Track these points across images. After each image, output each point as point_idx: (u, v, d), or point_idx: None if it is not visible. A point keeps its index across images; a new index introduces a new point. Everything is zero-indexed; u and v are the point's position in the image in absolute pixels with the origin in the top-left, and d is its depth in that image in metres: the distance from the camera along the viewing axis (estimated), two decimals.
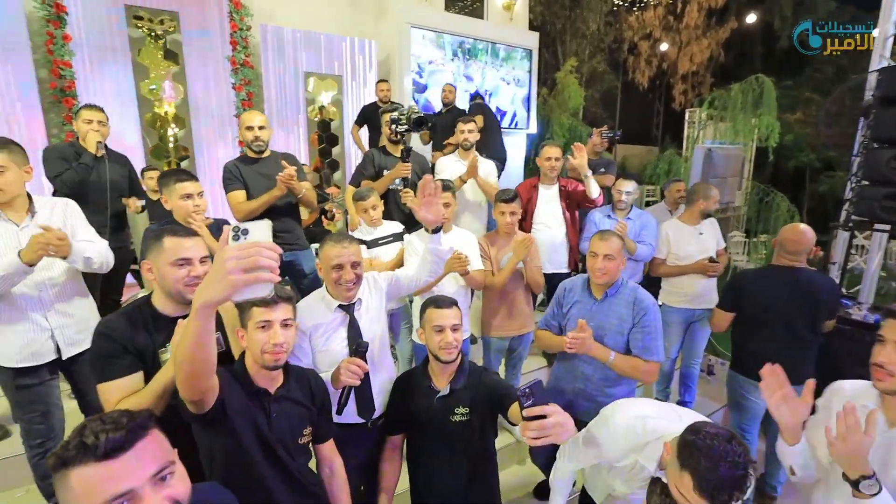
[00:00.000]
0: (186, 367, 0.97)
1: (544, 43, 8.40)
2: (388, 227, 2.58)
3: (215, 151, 5.01)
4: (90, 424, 0.72)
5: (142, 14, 4.55)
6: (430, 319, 1.64)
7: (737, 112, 7.20)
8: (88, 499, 0.68)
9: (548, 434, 1.02)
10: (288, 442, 1.33)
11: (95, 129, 2.53)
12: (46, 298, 1.74)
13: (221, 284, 0.79)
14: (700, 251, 2.96)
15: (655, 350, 1.92)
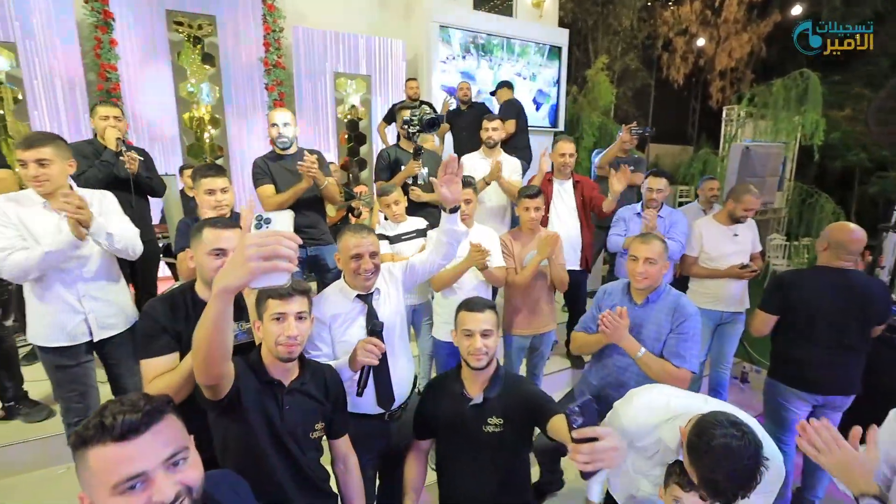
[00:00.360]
0: (203, 350, 0.99)
1: (574, 40, 8.25)
2: (412, 222, 2.59)
3: (248, 150, 5.17)
4: (110, 406, 0.74)
5: (181, 19, 4.75)
6: (461, 322, 1.55)
7: (779, 109, 6.88)
8: (104, 478, 0.71)
9: (600, 459, 0.94)
10: (299, 435, 1.33)
11: (113, 126, 2.50)
12: (80, 283, 1.84)
13: (241, 270, 0.80)
14: (734, 252, 2.85)
15: (689, 359, 1.82)
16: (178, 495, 0.74)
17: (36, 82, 4.12)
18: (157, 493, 0.72)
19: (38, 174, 1.70)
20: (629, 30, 11.68)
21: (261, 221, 0.86)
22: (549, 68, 6.78)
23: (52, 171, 1.73)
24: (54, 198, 1.76)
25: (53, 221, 1.76)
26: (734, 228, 2.88)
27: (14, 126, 4.16)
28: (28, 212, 1.75)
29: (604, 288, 2.12)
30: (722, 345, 2.99)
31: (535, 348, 2.65)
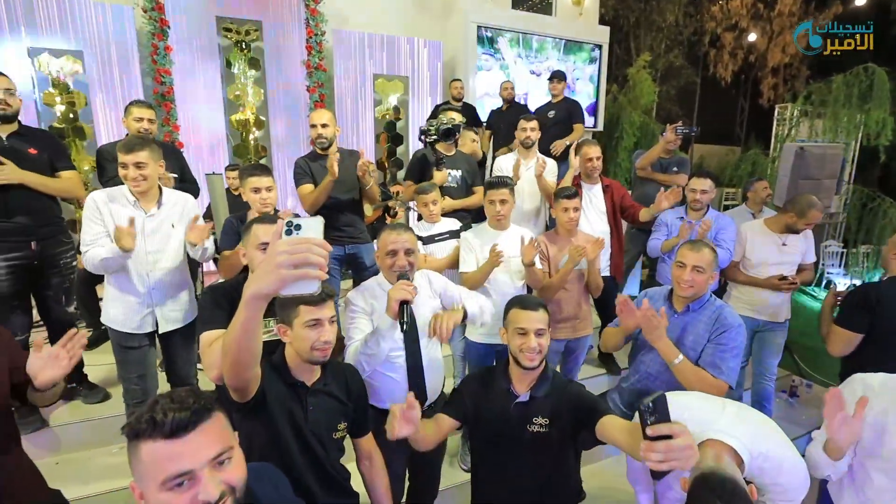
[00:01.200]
0: (233, 354, 1.00)
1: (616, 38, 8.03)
2: (445, 223, 2.61)
3: (290, 150, 5.35)
4: (161, 401, 0.78)
5: (230, 25, 4.97)
6: (513, 320, 1.52)
7: (838, 107, 6.44)
8: (153, 472, 0.75)
9: (675, 458, 0.90)
10: (323, 435, 1.36)
11: (146, 129, 2.50)
12: (151, 279, 2.00)
13: (270, 277, 0.79)
14: (778, 263, 2.71)
15: (726, 371, 1.75)
16: (223, 494, 0.77)
17: (100, 87, 4.41)
18: (202, 492, 0.75)
19: (136, 175, 1.87)
20: (674, 26, 11.25)
21: (291, 228, 0.83)
22: (589, 67, 6.65)
23: (148, 172, 1.89)
24: (144, 197, 1.94)
25: (140, 219, 1.92)
26: (784, 237, 2.73)
27: (80, 128, 4.47)
28: (120, 210, 1.91)
29: (645, 292, 2.06)
30: (762, 354, 2.86)
31: (570, 352, 2.61)
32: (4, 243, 2.07)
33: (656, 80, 9.35)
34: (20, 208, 2.10)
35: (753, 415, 1.40)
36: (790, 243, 2.73)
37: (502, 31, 5.91)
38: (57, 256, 2.28)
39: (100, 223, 1.89)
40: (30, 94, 4.17)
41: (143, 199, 1.95)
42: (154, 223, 1.95)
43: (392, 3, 5.75)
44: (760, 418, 1.39)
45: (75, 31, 4.26)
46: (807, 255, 2.80)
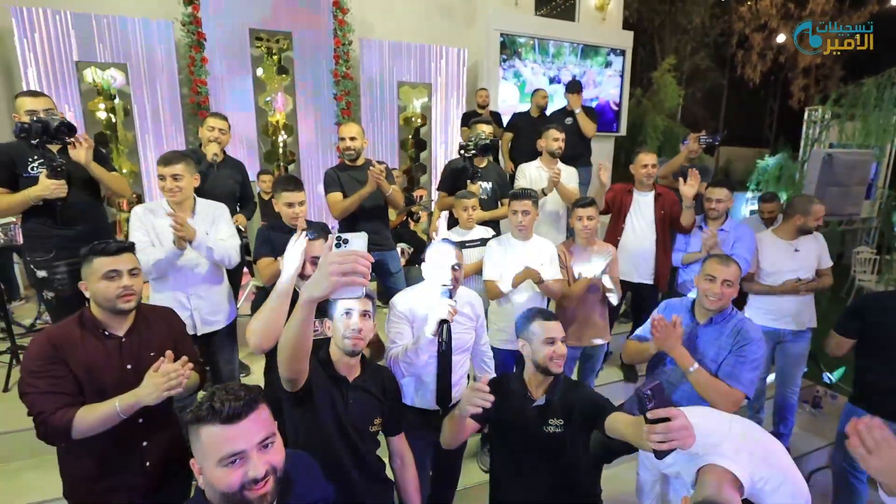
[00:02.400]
0: (289, 349, 1.16)
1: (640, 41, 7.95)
2: (479, 231, 2.70)
3: (318, 156, 5.53)
4: (218, 392, 0.93)
5: (262, 35, 5.17)
6: (539, 332, 1.62)
7: (869, 110, 6.27)
8: (211, 452, 0.90)
9: (673, 438, 1.02)
10: (361, 427, 1.49)
11: (216, 138, 2.72)
12: (190, 283, 2.15)
13: (324, 283, 0.94)
14: (793, 269, 2.72)
15: (744, 381, 1.79)
16: (267, 473, 0.92)
17: (142, 97, 4.67)
18: (251, 469, 0.90)
19: (173, 187, 2.03)
20: (700, 27, 11.06)
21: (340, 241, 0.97)
22: (612, 71, 6.65)
23: (183, 184, 2.05)
24: (180, 207, 2.08)
25: None
26: (796, 243, 2.75)
27: (123, 135, 4.74)
28: (159, 221, 2.07)
29: (666, 302, 2.11)
30: (786, 365, 2.86)
31: (586, 359, 2.67)
32: (66, 250, 2.24)
33: (681, 82, 9.22)
34: (78, 218, 2.28)
35: (759, 436, 1.43)
36: (803, 248, 2.74)
37: (520, 38, 5.96)
38: None
39: (143, 232, 2.06)
40: (77, 104, 4.45)
41: (179, 209, 2.10)
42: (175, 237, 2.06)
43: (417, 12, 5.88)
44: (766, 440, 1.42)
45: (120, 45, 4.52)
46: (822, 260, 2.78)
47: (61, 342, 1.35)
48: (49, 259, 2.23)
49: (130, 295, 1.41)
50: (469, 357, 2.00)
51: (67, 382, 1.32)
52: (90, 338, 1.40)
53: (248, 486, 0.90)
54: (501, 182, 3.10)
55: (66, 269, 2.27)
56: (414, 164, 6.04)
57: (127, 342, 1.44)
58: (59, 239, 2.23)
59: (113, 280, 1.39)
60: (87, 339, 1.39)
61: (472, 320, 1.94)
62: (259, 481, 0.91)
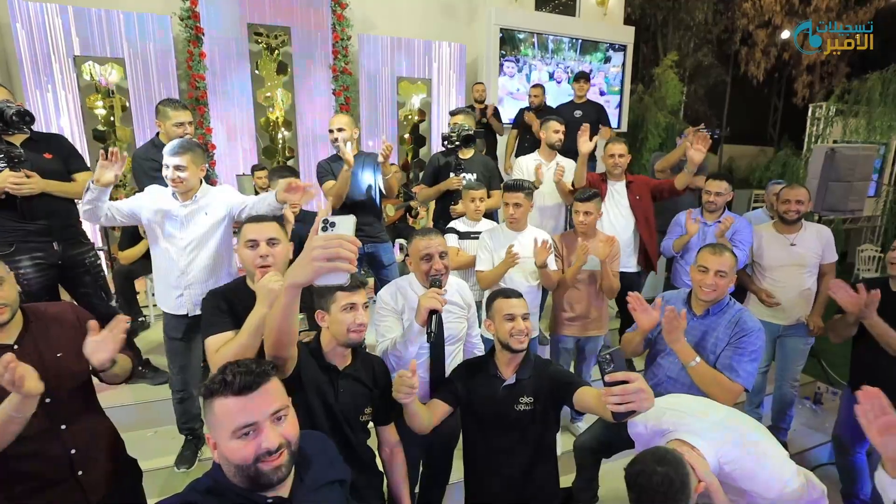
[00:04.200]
0: (274, 334, 1.15)
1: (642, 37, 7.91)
2: (484, 223, 2.68)
3: (317, 151, 5.52)
4: (230, 366, 0.92)
5: (261, 31, 5.16)
6: (499, 309, 1.65)
7: (874, 105, 6.20)
8: (225, 423, 0.89)
9: (630, 400, 1.04)
10: (351, 416, 1.47)
11: (186, 133, 2.48)
12: (187, 263, 2.07)
13: (306, 269, 0.91)
14: (788, 264, 2.68)
15: (743, 373, 1.78)
16: (281, 445, 0.91)
17: (139, 92, 4.67)
18: (265, 441, 0.89)
19: (175, 177, 1.99)
20: (703, 24, 10.97)
21: (326, 224, 0.94)
22: (613, 67, 6.60)
23: (187, 175, 2.01)
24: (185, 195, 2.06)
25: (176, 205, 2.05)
26: (793, 237, 2.69)
27: (121, 131, 4.74)
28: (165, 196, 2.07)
29: (662, 295, 2.08)
30: (785, 359, 2.82)
31: (581, 351, 2.65)
32: (29, 244, 2.19)
33: (684, 79, 9.15)
34: (42, 211, 2.21)
35: (737, 424, 1.44)
36: (799, 243, 2.68)
37: (521, 33, 5.93)
38: (79, 256, 2.40)
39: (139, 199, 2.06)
40: (74, 99, 4.45)
41: (182, 196, 2.08)
42: (187, 210, 2.05)
43: (416, 8, 5.85)
44: (746, 428, 1.43)
45: (118, 40, 4.52)
46: (825, 255, 2.70)
47: None
48: (9, 254, 2.16)
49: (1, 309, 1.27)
50: (462, 347, 1.97)
51: None
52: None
53: (263, 457, 0.88)
54: (488, 173, 3.06)
55: (30, 264, 2.21)
56: (413, 160, 6.02)
57: (21, 349, 1.29)
58: (21, 233, 2.17)
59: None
60: None
61: (463, 309, 1.92)
62: (273, 453, 0.89)
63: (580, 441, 2.16)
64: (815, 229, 2.73)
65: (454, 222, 2.68)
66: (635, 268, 2.99)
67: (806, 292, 2.71)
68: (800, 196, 2.64)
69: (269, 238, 1.54)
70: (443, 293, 1.56)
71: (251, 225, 1.55)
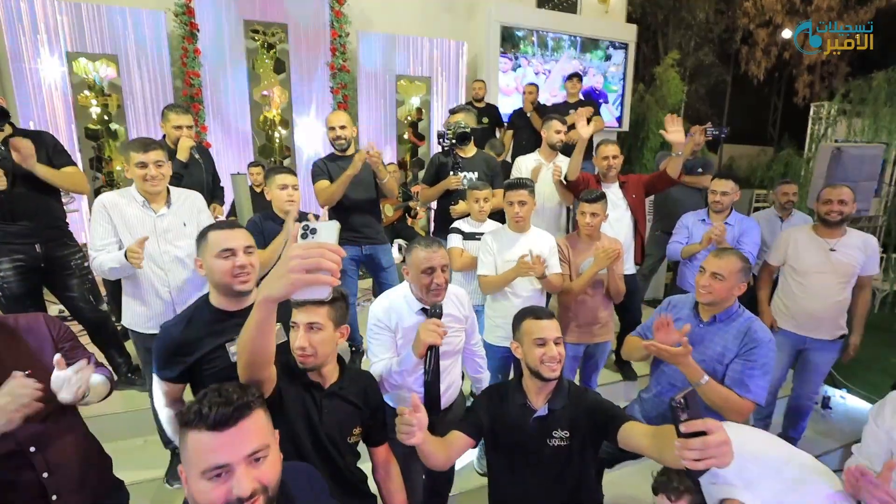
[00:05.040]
0: (247, 354, 1.02)
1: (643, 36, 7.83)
2: (490, 224, 2.58)
3: (314, 150, 5.43)
4: (210, 394, 0.83)
5: (257, 27, 5.07)
6: (529, 332, 1.48)
7: (879, 105, 6.13)
8: (195, 461, 0.80)
9: (711, 455, 0.88)
10: (336, 438, 1.34)
11: (186, 136, 2.51)
12: (171, 279, 1.99)
13: (283, 281, 0.79)
14: (824, 271, 2.48)
15: (754, 388, 1.68)
16: (254, 492, 0.80)
17: (133, 89, 4.57)
18: (236, 486, 0.79)
19: (156, 174, 1.89)
20: (704, 23, 10.91)
21: (307, 231, 0.84)
22: (615, 66, 6.53)
23: (165, 172, 1.93)
24: (154, 198, 1.95)
25: (151, 220, 1.95)
26: (833, 242, 2.48)
27: (113, 128, 4.64)
28: (129, 210, 1.93)
29: (670, 299, 2.01)
30: (806, 372, 2.66)
31: (589, 357, 2.57)
32: (9, 245, 2.11)
33: (685, 78, 9.08)
34: (24, 212, 2.12)
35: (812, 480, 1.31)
36: (840, 249, 2.46)
37: (521, 30, 5.85)
38: (64, 258, 2.30)
39: (108, 224, 1.90)
40: (66, 97, 4.36)
41: (152, 199, 1.96)
42: (165, 223, 1.95)
43: (415, 4, 5.77)
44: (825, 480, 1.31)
45: (111, 36, 4.42)
46: (867, 266, 2.45)
47: None
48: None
49: None
50: (460, 359, 1.87)
51: None
52: None
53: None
54: (490, 172, 2.97)
55: (10, 267, 2.13)
56: (412, 159, 5.93)
57: None
58: (0, 234, 2.09)
59: None
60: None
61: (461, 321, 1.79)
62: (244, 501, 0.78)
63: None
64: (861, 238, 2.48)
65: (459, 222, 2.58)
66: (633, 269, 2.90)
67: (839, 304, 2.50)
68: (843, 196, 2.40)
69: (246, 246, 1.41)
70: (442, 325, 1.42)
71: (221, 232, 1.40)
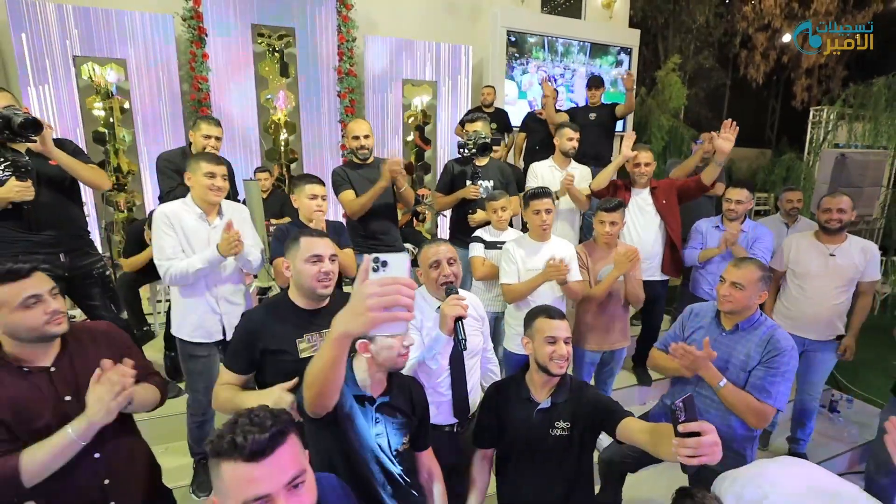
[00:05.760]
0: (318, 386, 1.03)
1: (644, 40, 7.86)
2: (511, 233, 2.61)
3: (321, 155, 5.43)
4: (240, 420, 0.82)
5: (264, 31, 5.07)
6: (541, 329, 1.58)
7: (880, 110, 6.22)
8: (233, 493, 0.79)
9: (704, 453, 1.01)
10: (391, 448, 1.38)
11: (213, 146, 2.54)
12: (219, 288, 2.06)
13: (361, 319, 0.79)
14: (824, 274, 2.59)
15: (776, 395, 1.72)
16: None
17: (140, 93, 4.57)
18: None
19: (221, 185, 1.98)
20: (704, 27, 10.99)
21: (378, 264, 0.83)
22: (614, 70, 6.58)
23: (226, 186, 2.02)
24: (212, 211, 2.02)
25: (205, 231, 2.01)
26: (833, 248, 2.59)
27: (120, 133, 4.63)
28: (188, 221, 1.99)
29: (691, 308, 2.03)
30: (809, 373, 2.74)
31: (605, 363, 2.60)
32: (34, 255, 2.10)
33: (685, 82, 9.15)
34: (49, 222, 2.14)
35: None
36: (840, 255, 2.56)
37: (528, 35, 5.88)
38: (88, 267, 2.30)
39: (173, 233, 1.96)
40: (73, 101, 4.34)
41: (209, 210, 2.03)
42: (216, 233, 2.01)
43: (422, 9, 5.79)
44: None
45: (119, 40, 4.42)
46: (867, 272, 2.54)
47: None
48: None
49: (60, 317, 1.23)
50: (479, 361, 1.90)
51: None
52: (8, 377, 1.20)
53: None
54: (505, 179, 2.99)
55: None
56: (418, 162, 5.95)
57: (57, 372, 1.25)
58: (25, 244, 2.08)
59: (32, 308, 1.19)
60: (5, 378, 1.19)
61: (479, 322, 1.86)
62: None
63: (606, 455, 2.11)
64: (861, 245, 2.58)
65: (480, 231, 2.61)
66: (660, 276, 2.93)
67: (837, 308, 2.59)
68: (842, 204, 2.51)
69: (332, 254, 1.54)
70: (464, 298, 1.51)
71: (312, 239, 1.54)
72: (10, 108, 1.96)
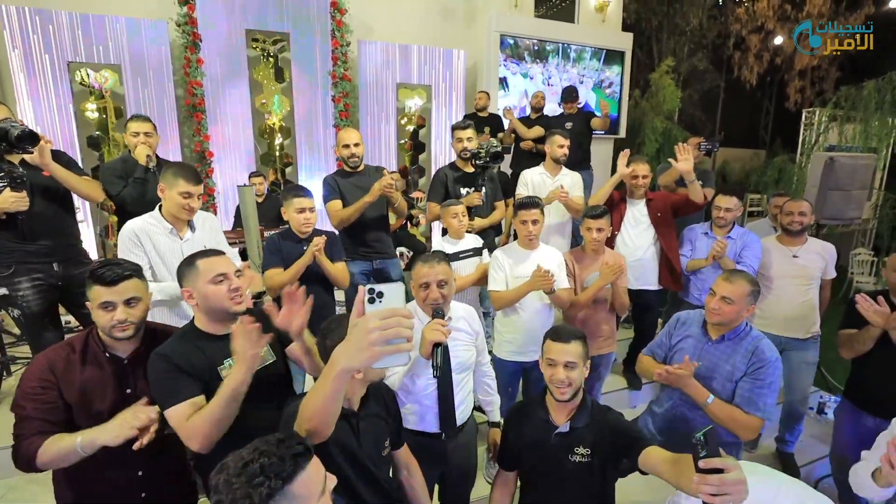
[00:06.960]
0: (316, 420, 1.01)
1: (637, 42, 7.92)
2: (469, 241, 2.64)
3: (315, 159, 5.46)
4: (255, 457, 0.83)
5: (258, 36, 5.10)
6: (546, 351, 1.54)
7: (870, 113, 6.28)
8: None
9: (727, 492, 0.94)
10: (374, 456, 1.39)
11: (143, 142, 2.42)
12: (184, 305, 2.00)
13: (363, 353, 0.79)
14: (791, 276, 2.70)
15: (763, 407, 1.74)
16: None
17: (135, 98, 4.58)
18: None
19: (195, 206, 1.96)
20: (697, 29, 11.05)
21: (374, 296, 0.83)
22: (611, 73, 6.62)
23: (199, 205, 1.99)
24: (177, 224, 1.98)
25: (178, 247, 1.97)
26: (795, 250, 2.71)
27: (115, 139, 4.65)
28: (159, 239, 1.95)
29: (678, 316, 2.06)
30: (792, 374, 2.78)
31: (593, 367, 2.62)
32: (28, 265, 2.13)
33: (679, 84, 9.21)
34: (43, 232, 2.16)
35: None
36: (802, 255, 2.70)
37: (521, 39, 5.92)
38: (81, 276, 2.26)
39: (141, 252, 1.91)
40: (67, 106, 4.35)
41: (179, 226, 1.99)
42: (189, 247, 1.95)
43: (416, 14, 5.82)
44: None
45: (113, 46, 4.43)
46: (827, 270, 2.71)
47: (59, 364, 1.30)
48: (8, 275, 2.10)
49: (125, 326, 1.32)
50: (472, 375, 1.90)
51: (54, 410, 1.26)
52: (91, 358, 1.34)
53: None
54: (494, 186, 3.03)
55: (29, 286, 2.15)
56: (412, 166, 5.98)
57: (129, 365, 1.38)
58: (20, 254, 2.11)
59: (107, 311, 1.31)
60: (87, 359, 1.33)
61: (472, 336, 1.84)
62: None
63: None
64: (820, 245, 2.73)
65: (440, 244, 2.61)
66: (656, 286, 2.95)
67: (806, 304, 2.71)
68: (802, 208, 2.68)
69: (235, 270, 1.48)
70: (446, 324, 1.43)
71: (210, 259, 1.42)
72: (7, 120, 1.99)
